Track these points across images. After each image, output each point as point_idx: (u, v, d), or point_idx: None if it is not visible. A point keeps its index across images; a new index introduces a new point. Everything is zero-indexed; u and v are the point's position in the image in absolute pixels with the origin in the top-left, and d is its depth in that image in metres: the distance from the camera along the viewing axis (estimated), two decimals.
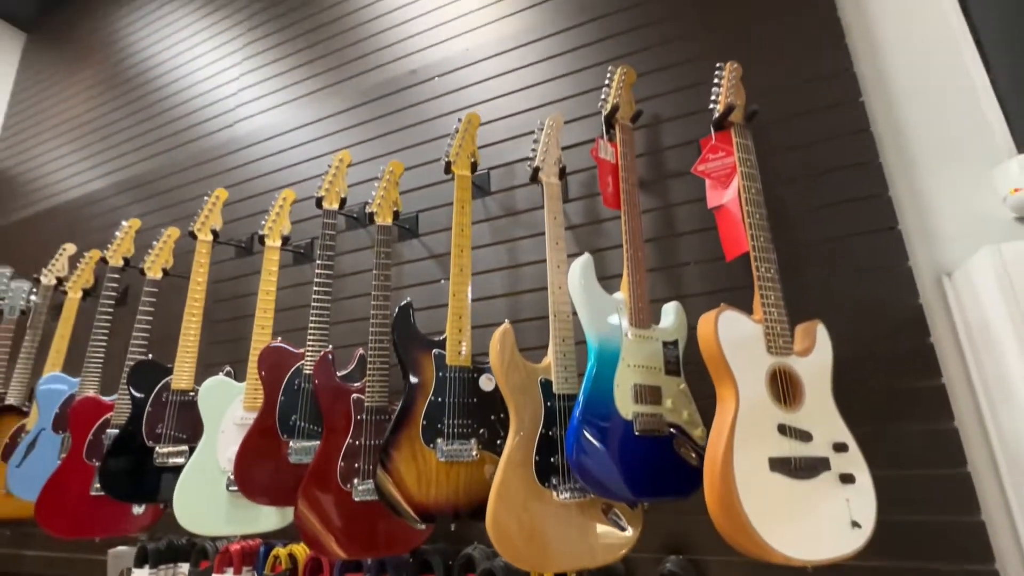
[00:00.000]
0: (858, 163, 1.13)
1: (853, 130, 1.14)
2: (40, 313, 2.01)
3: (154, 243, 1.80)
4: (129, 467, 1.44)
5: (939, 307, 1.05)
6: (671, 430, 0.99)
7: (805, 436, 0.89)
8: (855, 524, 0.85)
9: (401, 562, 1.22)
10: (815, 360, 0.95)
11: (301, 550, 1.37)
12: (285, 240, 1.61)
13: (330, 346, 1.31)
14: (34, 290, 2.16)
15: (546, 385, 1.06)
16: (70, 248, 2.13)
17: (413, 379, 1.14)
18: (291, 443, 1.30)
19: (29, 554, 2.02)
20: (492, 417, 1.16)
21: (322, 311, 1.40)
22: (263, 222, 1.60)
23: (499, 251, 1.45)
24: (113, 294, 1.84)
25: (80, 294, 1.97)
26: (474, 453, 1.12)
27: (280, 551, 1.35)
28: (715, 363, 0.90)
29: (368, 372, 1.26)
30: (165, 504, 1.49)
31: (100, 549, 1.82)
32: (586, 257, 1.04)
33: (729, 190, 1.06)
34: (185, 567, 1.55)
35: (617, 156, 1.15)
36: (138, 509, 1.55)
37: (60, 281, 2.06)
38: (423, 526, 1.15)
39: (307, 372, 1.35)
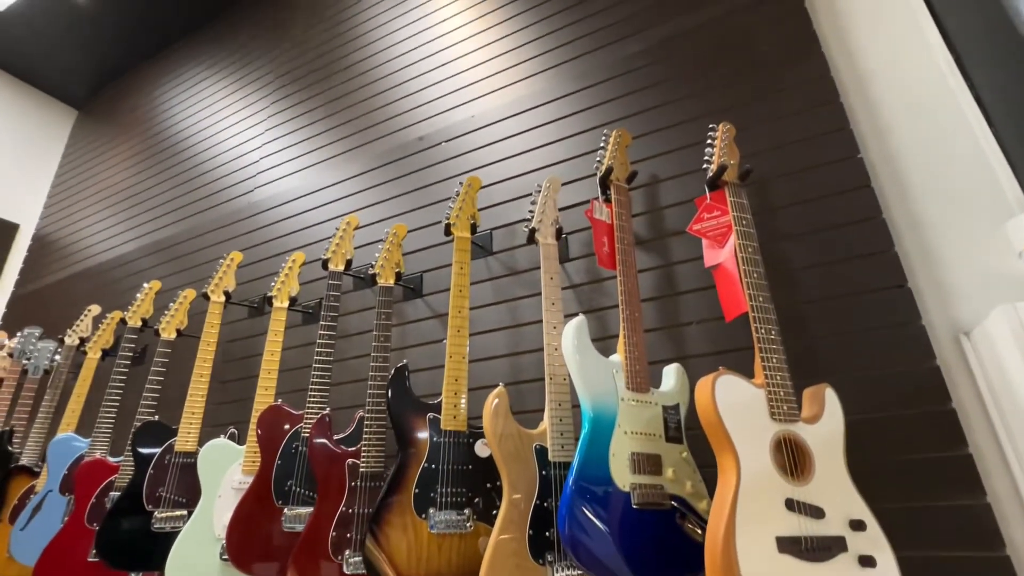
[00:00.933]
0: (861, 219, 1.10)
1: (853, 186, 1.13)
2: (61, 373, 2.06)
3: (171, 304, 1.85)
4: (127, 533, 1.42)
5: (960, 368, 0.98)
6: (673, 503, 0.93)
7: (816, 512, 0.82)
8: None
9: None
10: (825, 427, 0.89)
11: None
12: (293, 301, 1.63)
13: (328, 408, 1.30)
14: (59, 350, 2.23)
15: (541, 452, 1.01)
16: (95, 309, 2.21)
17: (406, 444, 1.11)
18: (285, 509, 1.26)
19: None
20: (488, 485, 1.11)
21: (323, 372, 1.40)
22: (273, 283, 1.63)
23: (500, 311, 1.45)
24: (130, 354, 1.88)
25: (99, 354, 2.02)
26: (468, 524, 1.06)
27: None
28: (714, 431, 0.85)
29: (364, 436, 1.23)
30: (161, 573, 1.45)
31: None
32: (580, 319, 1.02)
33: (725, 249, 1.04)
34: None
35: (612, 216, 1.15)
36: None
37: (83, 341, 2.13)
38: None
39: (305, 435, 1.34)
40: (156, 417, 1.57)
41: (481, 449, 1.14)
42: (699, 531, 0.93)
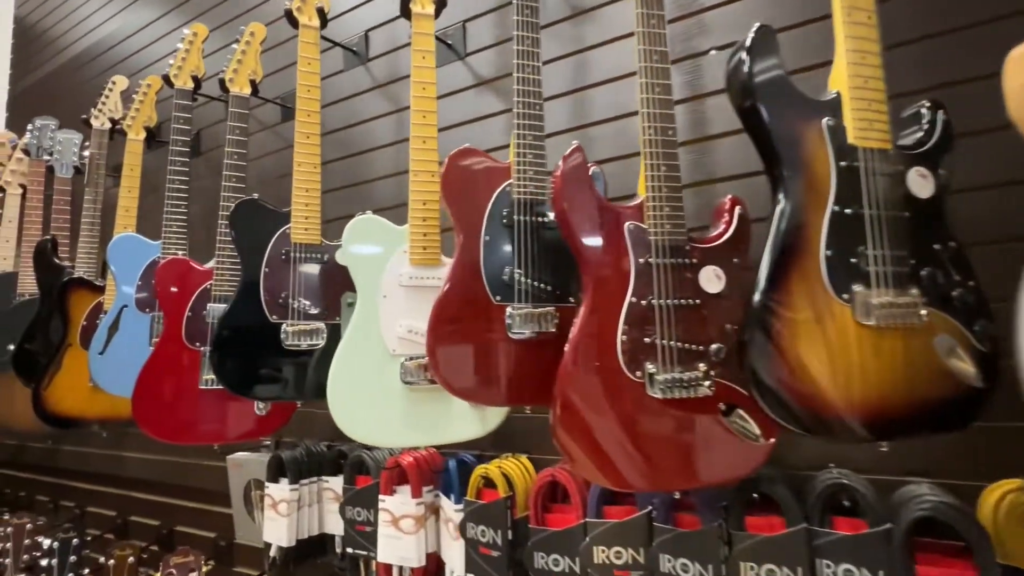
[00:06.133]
0: None
1: None
2: (97, 165, 1.54)
3: (234, 46, 1.24)
4: (252, 352, 1.00)
5: None
6: None
7: None
8: None
9: (717, 496, 0.74)
10: None
11: (517, 469, 0.92)
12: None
13: (576, 142, 0.75)
14: (86, 143, 1.69)
15: None
16: (121, 81, 1.62)
17: (795, 168, 0.59)
18: (510, 308, 0.79)
19: (129, 456, 1.72)
20: (936, 246, 0.60)
21: (531, 74, 0.84)
22: None
23: None
24: (186, 127, 1.33)
25: (143, 135, 1.47)
26: (922, 312, 0.57)
27: (489, 469, 0.90)
28: None
29: (649, 180, 0.71)
30: (302, 401, 1.06)
31: (210, 452, 1.46)
32: None
33: None
34: (333, 482, 1.15)
35: None
36: (262, 407, 1.14)
37: (115, 123, 1.57)
38: (883, 445, 0.62)
39: (522, 195, 0.82)
40: (256, 196, 1.06)
41: (918, 184, 0.61)
42: None
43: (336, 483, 1.15)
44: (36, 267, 1.47)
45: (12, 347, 1.53)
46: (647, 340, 0.69)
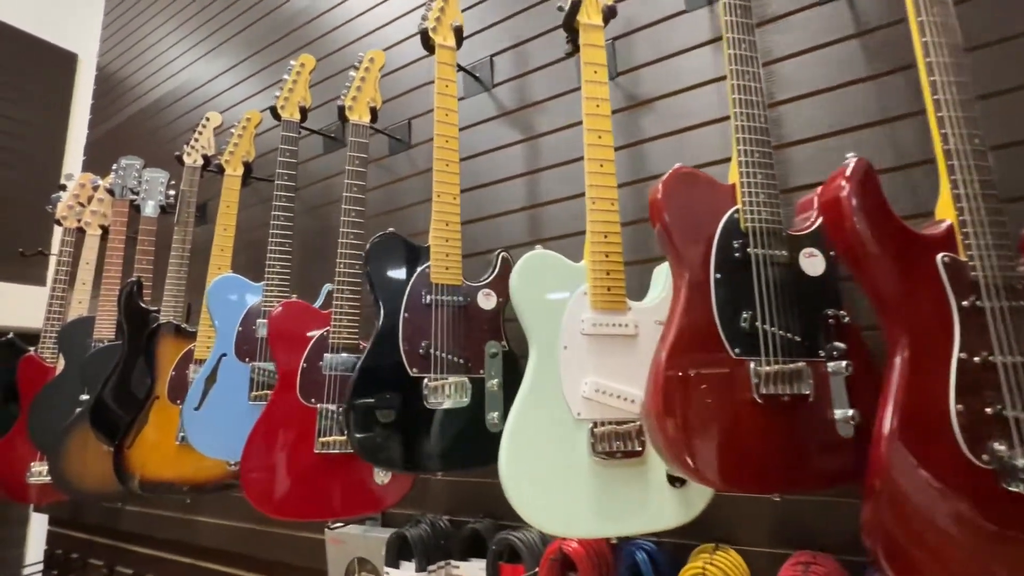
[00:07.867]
0: None
1: None
2: (188, 203, 1.45)
3: (351, 73, 1.15)
4: (392, 412, 0.84)
5: None
6: None
7: None
8: None
9: None
10: None
11: (731, 567, 0.72)
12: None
13: (853, 153, 0.60)
14: (172, 182, 1.62)
15: None
16: (215, 118, 1.55)
17: None
18: (753, 364, 0.62)
19: (202, 520, 1.56)
20: None
21: (752, 103, 0.69)
22: None
23: None
24: (293, 160, 1.23)
25: (241, 170, 1.38)
26: None
27: (707, 569, 0.71)
28: None
29: (959, 203, 0.55)
30: (443, 472, 0.89)
31: (299, 523, 1.29)
32: None
33: None
34: (465, 568, 0.97)
35: None
36: (383, 475, 0.97)
37: (208, 160, 1.49)
38: None
39: (756, 223, 0.66)
40: (392, 230, 0.93)
41: None
42: None
43: (469, 569, 0.96)
44: (122, 310, 1.36)
45: (85, 396, 1.41)
46: (989, 411, 0.51)
